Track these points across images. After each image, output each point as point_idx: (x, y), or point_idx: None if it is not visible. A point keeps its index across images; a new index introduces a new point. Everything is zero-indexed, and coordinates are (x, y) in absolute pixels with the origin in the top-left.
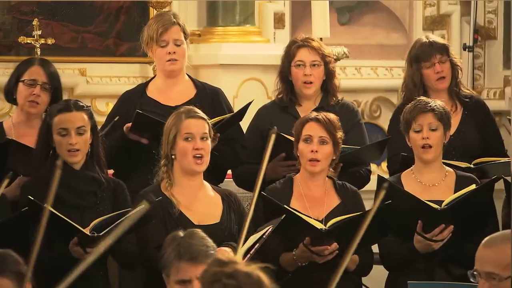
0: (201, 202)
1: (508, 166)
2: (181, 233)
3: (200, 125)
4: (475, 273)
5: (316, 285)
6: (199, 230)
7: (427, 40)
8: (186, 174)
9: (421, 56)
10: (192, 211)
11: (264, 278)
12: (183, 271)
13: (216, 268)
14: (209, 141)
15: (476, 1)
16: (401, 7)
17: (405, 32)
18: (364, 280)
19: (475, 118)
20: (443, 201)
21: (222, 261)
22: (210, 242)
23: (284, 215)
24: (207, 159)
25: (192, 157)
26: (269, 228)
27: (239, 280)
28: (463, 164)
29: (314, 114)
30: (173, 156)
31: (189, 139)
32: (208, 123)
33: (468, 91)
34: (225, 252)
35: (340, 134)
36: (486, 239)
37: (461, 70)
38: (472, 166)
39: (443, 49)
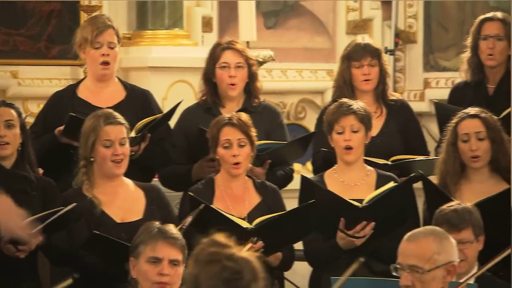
0: (122, 200)
1: (428, 163)
2: (157, 222)
3: (118, 131)
4: (398, 266)
5: None
6: (171, 225)
7: (362, 42)
8: (105, 177)
9: (352, 55)
10: (114, 209)
11: (259, 266)
12: (159, 249)
13: (214, 248)
14: (127, 145)
15: (397, 6)
16: (325, 11)
17: (328, 36)
18: (289, 276)
19: (399, 121)
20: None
21: (219, 242)
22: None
23: (203, 205)
24: (126, 161)
25: (111, 161)
26: (188, 219)
27: (239, 263)
28: (380, 161)
29: (226, 117)
30: (92, 159)
31: (108, 145)
32: (126, 127)
33: (394, 96)
34: None
35: (254, 132)
36: (408, 234)
37: (389, 76)
38: (389, 163)
39: (375, 53)
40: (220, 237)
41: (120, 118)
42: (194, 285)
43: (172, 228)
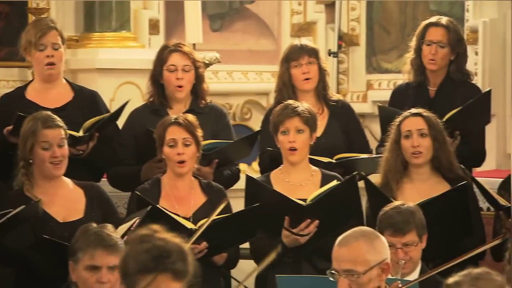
0: (63, 199)
1: (371, 162)
2: (94, 225)
3: (56, 134)
4: (333, 272)
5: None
6: (109, 225)
7: (298, 43)
8: (44, 177)
9: (290, 56)
10: (55, 208)
11: (191, 254)
12: (97, 258)
13: (147, 231)
14: (66, 146)
15: (340, 9)
16: (269, 14)
17: (273, 39)
18: (235, 274)
19: (341, 121)
20: None
21: (153, 228)
22: (119, 236)
23: (150, 206)
24: (65, 162)
25: (49, 163)
26: (136, 220)
27: (169, 244)
28: (324, 159)
29: (173, 117)
30: (30, 160)
31: (47, 147)
32: (64, 129)
33: (336, 97)
34: None
35: (199, 132)
36: (339, 238)
37: (329, 75)
38: (333, 161)
39: (312, 52)
40: (155, 226)
41: (58, 121)
42: (123, 265)
43: (110, 232)
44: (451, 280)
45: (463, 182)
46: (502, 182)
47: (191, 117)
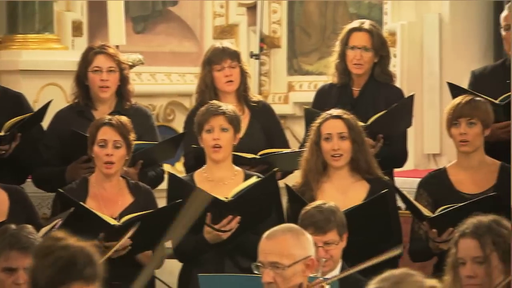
0: None
1: (295, 157)
2: (13, 226)
3: None
4: (259, 264)
5: (117, 279)
6: (29, 226)
7: (220, 46)
8: None
9: (212, 59)
10: None
11: (96, 254)
12: (12, 260)
13: (50, 242)
14: None
15: (262, 12)
16: (192, 16)
17: (196, 41)
18: (159, 274)
19: (262, 121)
20: None
21: (55, 236)
22: (38, 237)
23: (73, 208)
24: None
25: None
26: (58, 221)
27: (71, 251)
28: (249, 155)
29: (107, 118)
30: None
31: None
32: None
33: (256, 98)
34: None
35: (132, 136)
36: (267, 232)
37: (250, 77)
38: (257, 156)
39: (234, 55)
40: (58, 233)
41: None
42: (32, 280)
43: (27, 233)
44: (372, 285)
45: (383, 191)
46: (421, 181)
47: (125, 119)
